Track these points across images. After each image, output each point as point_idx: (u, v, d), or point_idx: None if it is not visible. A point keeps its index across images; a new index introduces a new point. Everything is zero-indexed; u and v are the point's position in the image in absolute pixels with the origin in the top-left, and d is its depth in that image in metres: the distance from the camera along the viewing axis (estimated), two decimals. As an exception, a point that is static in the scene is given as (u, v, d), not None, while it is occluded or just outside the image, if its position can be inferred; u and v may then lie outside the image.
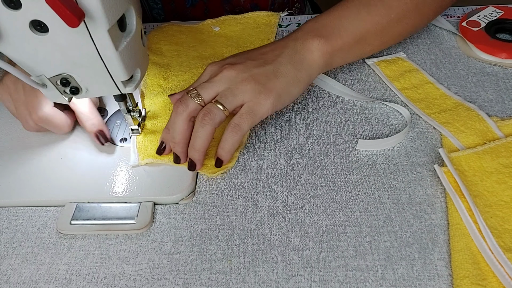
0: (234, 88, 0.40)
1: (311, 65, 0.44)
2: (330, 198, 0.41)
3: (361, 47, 0.47)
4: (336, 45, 0.44)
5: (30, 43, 0.33)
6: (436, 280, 0.34)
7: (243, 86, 0.40)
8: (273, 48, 0.44)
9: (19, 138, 0.48)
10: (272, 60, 0.43)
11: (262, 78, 0.41)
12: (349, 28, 0.45)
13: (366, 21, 0.45)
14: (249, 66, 0.42)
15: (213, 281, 0.36)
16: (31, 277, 0.37)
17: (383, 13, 0.45)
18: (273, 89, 0.41)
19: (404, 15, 0.47)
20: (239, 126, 0.40)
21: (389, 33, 0.47)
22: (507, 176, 0.39)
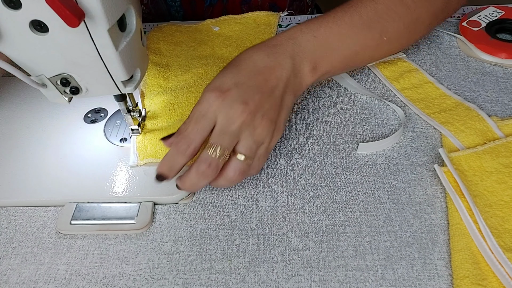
0: (253, 134, 0.37)
1: (302, 90, 0.43)
2: (330, 198, 0.41)
3: (348, 67, 0.46)
4: (325, 70, 0.43)
5: (30, 43, 0.33)
6: (436, 280, 0.34)
7: (261, 130, 0.37)
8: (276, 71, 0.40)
9: (19, 138, 0.48)
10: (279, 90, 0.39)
11: (274, 115, 0.39)
12: (342, 52, 0.43)
13: (360, 45, 0.44)
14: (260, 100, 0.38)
15: (213, 281, 0.36)
16: (31, 277, 0.37)
17: (376, 37, 0.45)
18: (282, 123, 0.40)
19: (395, 39, 0.46)
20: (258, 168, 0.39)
21: (376, 54, 0.47)
22: (507, 176, 0.39)
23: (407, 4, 0.45)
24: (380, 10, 0.44)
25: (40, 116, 0.50)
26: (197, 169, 0.36)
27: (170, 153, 0.37)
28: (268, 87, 0.39)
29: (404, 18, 0.45)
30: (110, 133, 0.48)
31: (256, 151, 0.38)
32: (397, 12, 0.44)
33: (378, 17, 0.44)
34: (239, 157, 0.37)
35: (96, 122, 0.49)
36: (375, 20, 0.44)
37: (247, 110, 0.37)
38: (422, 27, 0.48)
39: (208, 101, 0.37)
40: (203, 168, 0.36)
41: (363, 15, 0.44)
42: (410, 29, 0.46)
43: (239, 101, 0.37)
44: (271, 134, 0.38)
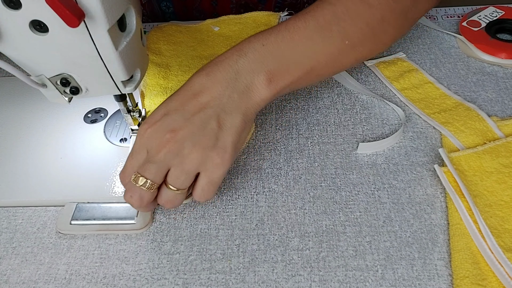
0: (183, 163, 0.35)
1: (258, 104, 0.38)
2: (330, 198, 0.41)
3: (310, 79, 0.41)
4: (283, 83, 0.39)
5: (30, 43, 0.33)
6: (436, 280, 0.34)
7: (192, 159, 0.35)
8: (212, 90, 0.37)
9: (19, 138, 0.48)
10: (214, 112, 0.36)
11: (209, 140, 0.35)
12: (300, 60, 0.39)
13: (318, 52, 0.40)
14: (191, 128, 0.35)
15: (213, 281, 0.36)
16: (31, 277, 0.37)
17: (337, 41, 0.40)
18: (226, 147, 0.36)
19: (360, 43, 0.42)
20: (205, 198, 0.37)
21: (342, 63, 0.42)
22: (507, 176, 0.39)
23: (369, 3, 0.40)
24: (339, 12, 0.40)
25: (40, 116, 0.50)
26: (125, 197, 0.37)
27: None
28: (201, 111, 0.36)
29: (367, 18, 0.41)
30: (110, 133, 0.48)
31: (187, 181, 0.36)
32: (358, 13, 0.40)
33: (337, 19, 0.40)
34: (170, 186, 0.36)
35: (96, 122, 0.49)
36: (333, 23, 0.39)
37: (173, 139, 0.35)
38: (389, 27, 0.43)
39: (140, 135, 0.37)
40: (127, 197, 0.36)
41: (319, 19, 0.39)
42: (376, 30, 0.42)
43: (166, 130, 0.35)
44: (209, 163, 0.35)
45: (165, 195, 0.36)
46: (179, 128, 0.35)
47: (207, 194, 0.37)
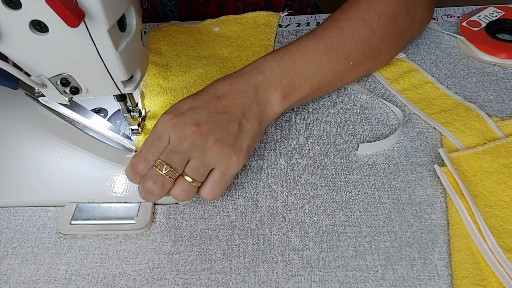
0: (204, 156, 0.37)
1: (271, 117, 0.42)
2: (330, 198, 0.41)
3: (316, 94, 0.46)
4: (295, 98, 0.43)
5: (30, 43, 0.33)
6: (436, 280, 0.34)
7: (213, 153, 0.37)
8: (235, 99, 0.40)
9: (19, 138, 0.48)
10: (237, 116, 0.39)
11: (230, 139, 0.38)
12: (310, 78, 0.43)
13: (326, 70, 0.44)
14: (215, 125, 0.38)
15: (213, 281, 0.36)
16: (31, 277, 0.37)
17: (342, 61, 0.45)
18: (242, 148, 0.39)
19: (361, 62, 0.47)
20: (213, 195, 0.38)
21: (344, 80, 0.47)
22: (507, 176, 0.39)
23: (372, 27, 0.45)
24: (345, 36, 0.44)
25: (40, 116, 0.50)
26: (143, 185, 0.37)
27: (128, 172, 0.38)
28: (225, 112, 0.39)
29: (369, 41, 0.45)
30: (110, 133, 0.48)
31: (204, 174, 0.37)
32: (362, 36, 0.45)
33: (344, 42, 0.44)
34: (186, 178, 0.37)
35: (96, 122, 0.49)
36: (340, 45, 0.44)
37: (198, 131, 0.37)
38: (386, 48, 0.48)
39: (163, 123, 0.38)
40: (148, 184, 0.36)
41: (328, 41, 0.44)
42: (375, 52, 0.47)
43: (191, 123, 0.37)
44: (227, 159, 0.38)
45: (181, 185, 0.37)
46: (205, 123, 0.38)
47: (216, 191, 0.38)
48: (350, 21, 0.45)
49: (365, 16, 0.45)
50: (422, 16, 0.51)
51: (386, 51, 0.49)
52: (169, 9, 0.71)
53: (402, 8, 0.47)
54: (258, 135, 0.41)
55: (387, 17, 0.46)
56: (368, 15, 0.45)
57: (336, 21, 0.45)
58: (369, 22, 0.45)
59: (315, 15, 0.62)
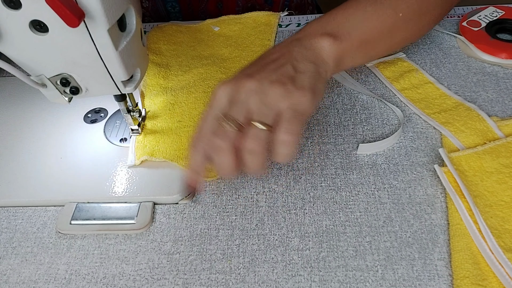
0: (264, 99, 0.35)
1: (325, 62, 0.40)
2: (330, 198, 0.41)
3: (369, 49, 0.44)
4: (345, 44, 0.41)
5: (30, 43, 0.33)
6: (436, 280, 0.34)
7: (273, 94, 0.35)
8: (281, 51, 0.40)
9: (19, 138, 0.48)
10: (286, 61, 0.38)
11: (287, 80, 0.36)
12: (356, 26, 0.41)
13: (373, 20, 0.42)
14: (267, 72, 0.37)
15: (213, 281, 0.36)
16: (31, 277, 0.37)
17: (390, 13, 0.43)
18: (304, 85, 0.36)
19: (410, 17, 0.44)
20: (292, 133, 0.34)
21: (396, 35, 0.45)
22: (507, 176, 0.39)
23: None
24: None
25: (40, 116, 0.50)
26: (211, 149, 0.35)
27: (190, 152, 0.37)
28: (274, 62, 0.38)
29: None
30: (110, 133, 0.48)
31: (271, 116, 0.35)
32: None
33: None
34: (255, 124, 0.34)
35: (96, 122, 0.49)
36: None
37: (253, 80, 0.36)
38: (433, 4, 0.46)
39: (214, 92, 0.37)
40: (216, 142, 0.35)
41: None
42: (423, 8, 0.45)
43: (244, 77, 0.36)
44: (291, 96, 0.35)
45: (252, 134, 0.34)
46: (256, 72, 0.36)
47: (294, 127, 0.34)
48: None
49: None
50: None
51: (434, 9, 0.46)
52: (171, 5, 0.71)
53: None
54: (319, 76, 0.38)
55: None
56: None
57: None
58: None
59: (315, 14, 0.62)
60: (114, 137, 0.47)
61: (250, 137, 0.34)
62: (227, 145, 0.34)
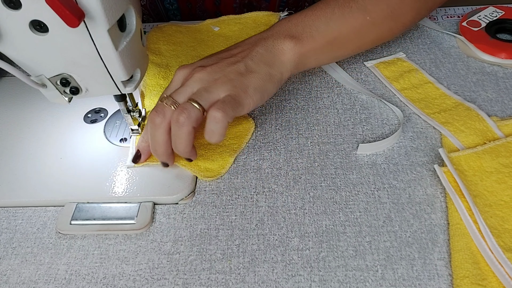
0: (208, 87, 0.39)
1: (283, 64, 0.43)
2: (329, 198, 0.41)
3: (335, 49, 0.46)
4: (307, 46, 0.43)
5: (30, 43, 0.33)
6: (436, 280, 0.34)
7: (218, 85, 0.39)
8: (243, 47, 0.43)
9: (19, 138, 0.48)
10: (242, 58, 0.41)
11: (236, 76, 0.40)
12: (322, 29, 0.44)
13: (340, 23, 0.44)
14: (220, 66, 0.41)
15: (213, 281, 0.36)
16: (31, 277, 0.37)
17: (358, 16, 0.45)
18: (249, 85, 0.40)
19: (380, 21, 0.46)
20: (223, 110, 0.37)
21: (364, 36, 0.47)
22: (507, 176, 0.39)
23: None
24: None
25: (40, 116, 0.50)
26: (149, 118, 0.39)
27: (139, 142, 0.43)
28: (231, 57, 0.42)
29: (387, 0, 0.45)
30: (110, 133, 0.48)
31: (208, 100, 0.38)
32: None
33: None
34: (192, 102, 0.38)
35: (96, 122, 0.49)
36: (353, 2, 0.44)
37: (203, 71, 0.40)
38: (408, 9, 0.47)
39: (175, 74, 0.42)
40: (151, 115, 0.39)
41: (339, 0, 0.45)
42: (395, 11, 0.46)
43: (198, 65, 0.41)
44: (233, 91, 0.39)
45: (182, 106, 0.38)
46: (209, 64, 0.41)
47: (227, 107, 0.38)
48: None
49: None
50: None
51: (408, 13, 0.47)
52: (168, 1, 0.71)
53: None
54: (270, 78, 0.42)
55: None
56: None
57: None
58: None
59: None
60: (114, 137, 0.47)
61: (180, 108, 0.38)
62: (161, 121, 0.38)
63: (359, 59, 0.54)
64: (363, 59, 0.54)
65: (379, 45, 0.54)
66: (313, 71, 0.53)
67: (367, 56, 0.54)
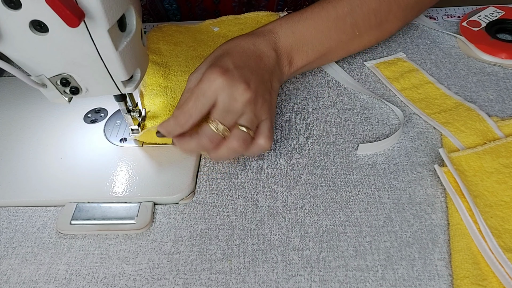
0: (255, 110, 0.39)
1: (283, 80, 0.46)
2: (330, 198, 0.41)
3: (322, 62, 0.49)
4: (301, 64, 0.46)
5: (30, 43, 0.33)
6: (436, 280, 0.34)
7: (262, 107, 0.40)
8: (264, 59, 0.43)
9: (19, 138, 0.48)
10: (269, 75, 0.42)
11: (268, 96, 0.41)
12: (317, 47, 0.46)
13: (332, 39, 0.46)
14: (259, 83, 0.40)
15: (213, 281, 0.36)
16: (31, 277, 0.37)
17: (348, 31, 0.47)
18: (274, 105, 0.43)
19: (366, 32, 0.48)
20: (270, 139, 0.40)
21: (350, 48, 0.49)
22: (507, 176, 0.39)
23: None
24: (354, 5, 0.46)
25: (40, 116, 0.50)
26: (198, 141, 0.39)
27: (170, 123, 0.39)
28: (261, 71, 0.41)
29: (375, 11, 0.46)
30: (110, 133, 0.48)
31: (255, 125, 0.40)
32: (370, 7, 0.46)
33: (352, 12, 0.46)
34: (240, 128, 0.39)
35: (96, 122, 0.49)
36: (348, 14, 0.46)
37: (250, 90, 0.38)
38: (394, 19, 0.49)
39: (209, 80, 0.38)
40: (204, 141, 0.38)
41: (338, 10, 0.46)
42: (382, 22, 0.48)
43: (241, 81, 0.38)
44: (270, 113, 0.41)
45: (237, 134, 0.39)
46: (252, 81, 0.39)
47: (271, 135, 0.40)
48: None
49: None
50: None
51: (394, 22, 0.49)
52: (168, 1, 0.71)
53: None
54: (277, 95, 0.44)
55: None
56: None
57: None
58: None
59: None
60: (114, 137, 0.47)
61: (233, 137, 0.38)
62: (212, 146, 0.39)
63: (359, 59, 0.54)
64: (363, 59, 0.54)
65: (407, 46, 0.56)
66: (313, 71, 0.53)
67: (367, 56, 0.54)
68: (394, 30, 0.51)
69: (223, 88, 0.38)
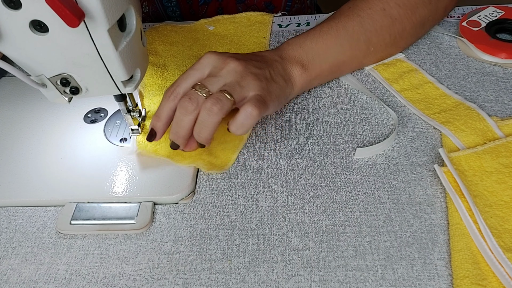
0: (241, 81, 0.40)
1: (293, 85, 0.45)
2: (330, 198, 0.41)
3: (336, 74, 0.50)
4: (314, 74, 0.46)
5: (30, 43, 0.33)
6: (436, 280, 0.34)
7: (250, 81, 0.40)
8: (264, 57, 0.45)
9: (19, 138, 0.48)
10: (267, 66, 0.43)
11: (264, 79, 0.41)
12: (329, 60, 0.47)
13: (346, 55, 0.47)
14: (251, 64, 0.42)
15: (213, 281, 0.36)
16: (31, 277, 0.37)
17: (363, 48, 0.48)
18: (272, 91, 0.42)
19: (382, 49, 0.49)
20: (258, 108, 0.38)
21: (365, 63, 0.51)
22: (507, 176, 0.39)
23: (392, 16, 0.47)
24: (365, 24, 0.47)
25: (40, 116, 0.50)
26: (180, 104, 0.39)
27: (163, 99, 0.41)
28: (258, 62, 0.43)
29: (389, 29, 0.48)
30: (110, 133, 0.48)
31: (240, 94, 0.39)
32: (382, 25, 0.47)
33: (364, 30, 0.47)
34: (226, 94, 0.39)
35: (96, 122, 0.49)
36: (361, 32, 0.47)
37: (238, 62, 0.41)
38: (408, 36, 0.50)
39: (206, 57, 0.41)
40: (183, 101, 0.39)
41: (349, 29, 0.46)
42: (396, 39, 0.49)
43: (233, 57, 0.41)
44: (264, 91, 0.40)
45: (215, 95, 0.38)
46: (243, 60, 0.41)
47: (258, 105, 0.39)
48: (371, 10, 0.47)
49: (385, 6, 0.47)
50: (447, 3, 0.52)
51: (408, 38, 0.51)
52: (171, 9, 0.71)
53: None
54: (283, 93, 0.44)
55: (407, 7, 0.47)
56: (388, 5, 0.47)
57: (357, 9, 0.47)
58: (389, 11, 0.47)
59: (315, 15, 0.63)
60: (114, 137, 0.47)
61: (214, 98, 0.38)
62: (194, 108, 0.39)
63: (359, 59, 0.54)
64: (363, 59, 0.54)
65: None
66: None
67: (367, 56, 0.54)
68: (408, 46, 0.52)
69: (214, 60, 0.41)
